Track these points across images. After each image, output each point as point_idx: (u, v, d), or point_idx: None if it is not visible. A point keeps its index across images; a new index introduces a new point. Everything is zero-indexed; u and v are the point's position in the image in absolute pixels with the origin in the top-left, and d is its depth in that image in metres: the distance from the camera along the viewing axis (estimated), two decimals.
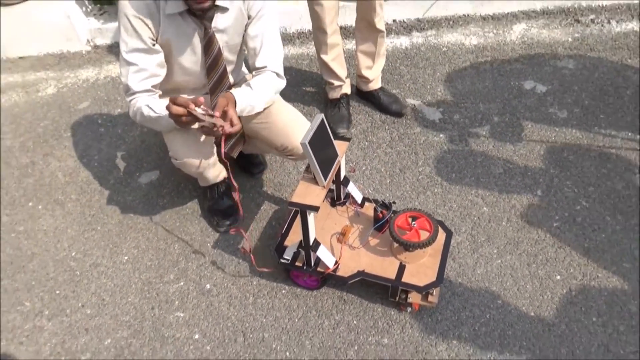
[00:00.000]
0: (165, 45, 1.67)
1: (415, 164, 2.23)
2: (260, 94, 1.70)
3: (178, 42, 1.67)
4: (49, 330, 1.79)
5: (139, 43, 1.60)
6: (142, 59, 1.62)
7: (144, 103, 1.63)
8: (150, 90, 1.68)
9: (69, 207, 2.21)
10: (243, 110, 1.66)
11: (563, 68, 2.67)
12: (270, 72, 1.75)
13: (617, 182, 2.05)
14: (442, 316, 1.69)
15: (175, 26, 1.63)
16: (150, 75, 1.65)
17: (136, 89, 1.65)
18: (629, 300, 1.67)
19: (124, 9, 1.55)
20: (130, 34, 1.58)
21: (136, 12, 1.55)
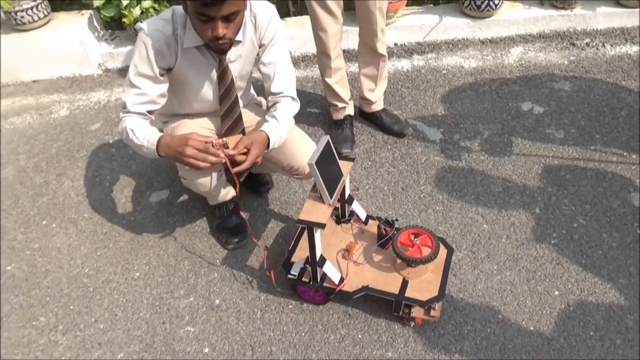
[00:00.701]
0: (181, 74, 1.75)
1: (417, 183, 2.31)
2: (286, 124, 1.80)
3: (194, 73, 1.76)
4: (64, 344, 1.84)
5: (148, 71, 1.67)
6: (146, 85, 1.69)
7: (130, 126, 1.69)
8: (144, 114, 1.74)
9: (82, 226, 2.29)
10: (275, 144, 1.75)
11: (559, 90, 2.76)
12: (287, 98, 1.84)
13: (613, 201, 2.12)
14: (445, 330, 1.74)
15: (192, 58, 1.72)
16: (149, 101, 1.72)
17: (131, 110, 1.71)
18: (625, 315, 1.73)
19: (143, 37, 1.64)
20: (142, 60, 1.66)
21: (155, 42, 1.63)
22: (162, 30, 1.63)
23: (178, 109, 1.91)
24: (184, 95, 1.86)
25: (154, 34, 1.63)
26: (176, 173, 2.47)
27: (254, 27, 1.74)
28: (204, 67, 1.76)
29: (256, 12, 1.71)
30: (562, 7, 3.17)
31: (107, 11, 3.13)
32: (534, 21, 3.17)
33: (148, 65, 1.67)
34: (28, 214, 2.37)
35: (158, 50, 1.65)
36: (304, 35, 3.19)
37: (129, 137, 1.69)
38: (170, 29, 1.64)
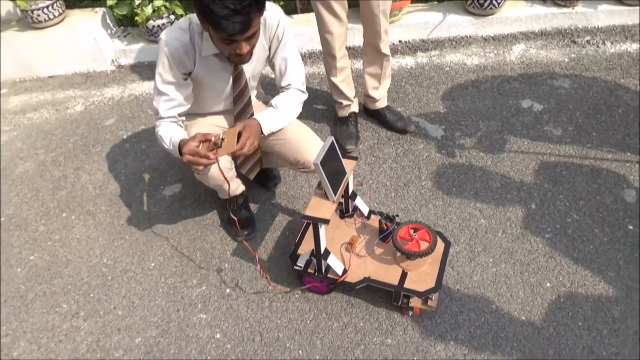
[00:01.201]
0: (199, 78, 1.88)
1: (419, 179, 2.40)
2: (285, 111, 1.93)
3: (211, 77, 1.89)
4: (85, 329, 1.98)
5: (172, 77, 1.81)
6: (172, 91, 1.84)
7: (160, 132, 1.87)
8: (175, 117, 1.90)
9: (100, 218, 2.41)
10: (271, 130, 1.89)
11: (559, 87, 2.83)
12: (294, 89, 1.98)
13: (607, 197, 2.21)
14: (441, 319, 1.85)
15: (209, 64, 1.84)
16: (177, 105, 1.87)
17: (163, 115, 1.88)
18: (613, 306, 1.83)
19: (164, 47, 1.76)
20: (165, 69, 1.80)
21: (175, 51, 1.76)
22: (180, 39, 1.74)
23: (195, 108, 2.02)
24: (201, 96, 1.98)
25: (173, 42, 1.74)
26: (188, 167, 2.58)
27: (264, 29, 1.84)
28: (220, 72, 1.88)
29: (265, 15, 1.81)
30: (564, 5, 3.22)
31: (120, 9, 3.22)
32: (536, 19, 3.23)
33: (171, 73, 1.81)
34: (48, 206, 2.50)
35: (178, 58, 1.77)
36: (311, 33, 3.27)
37: (160, 142, 1.88)
38: (187, 37, 1.75)
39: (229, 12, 1.51)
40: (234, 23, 1.53)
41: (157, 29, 3.25)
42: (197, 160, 1.71)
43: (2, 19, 3.51)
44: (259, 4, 1.58)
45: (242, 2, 1.51)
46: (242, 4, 1.51)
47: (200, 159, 1.70)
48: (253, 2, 1.54)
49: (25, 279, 2.18)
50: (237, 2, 1.51)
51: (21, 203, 2.53)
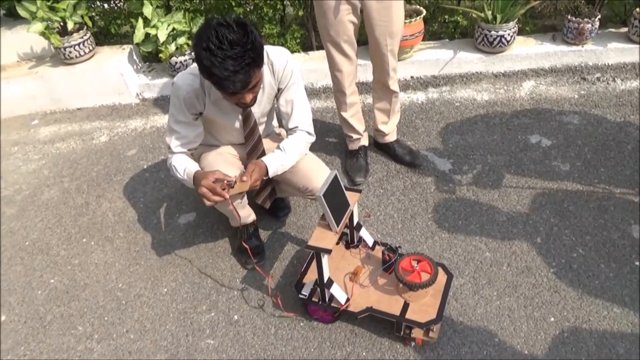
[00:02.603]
0: (210, 118, 2.02)
1: (426, 211, 2.45)
2: (292, 153, 2.02)
3: (221, 117, 2.02)
4: (98, 351, 2.05)
5: (183, 118, 1.96)
6: (183, 130, 1.98)
7: (173, 163, 2.00)
8: (185, 152, 2.04)
9: (117, 244, 2.52)
10: (276, 171, 1.99)
11: (568, 123, 2.87)
12: (301, 131, 2.07)
13: (613, 232, 2.21)
14: (444, 351, 1.87)
15: (219, 106, 1.97)
16: (187, 142, 2.01)
17: (174, 150, 2.02)
18: (618, 342, 1.82)
19: (176, 91, 1.91)
20: (177, 110, 1.94)
21: (186, 95, 1.90)
22: (191, 84, 1.88)
23: (208, 140, 2.15)
24: (212, 132, 2.12)
25: (185, 87, 1.88)
26: None
27: (271, 73, 1.95)
28: (229, 113, 2.00)
29: (273, 59, 1.92)
30: (574, 43, 3.29)
31: (145, 46, 3.42)
32: (546, 56, 3.30)
33: (182, 114, 1.95)
34: (70, 232, 2.62)
35: (189, 101, 1.91)
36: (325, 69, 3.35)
37: (174, 172, 2.01)
38: (198, 82, 1.88)
39: (230, 74, 1.62)
40: (235, 82, 1.65)
41: (179, 64, 3.42)
42: (211, 196, 1.83)
43: (37, 55, 3.76)
44: (256, 61, 1.67)
45: (241, 62, 1.62)
46: (242, 64, 1.62)
47: (214, 195, 1.82)
48: (251, 62, 1.65)
49: (45, 301, 2.28)
50: (237, 63, 1.61)
51: (45, 228, 2.66)
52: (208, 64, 1.62)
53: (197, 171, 1.94)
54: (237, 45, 1.61)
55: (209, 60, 1.61)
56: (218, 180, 1.84)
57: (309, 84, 3.46)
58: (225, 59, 1.60)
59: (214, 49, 1.60)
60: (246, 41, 1.62)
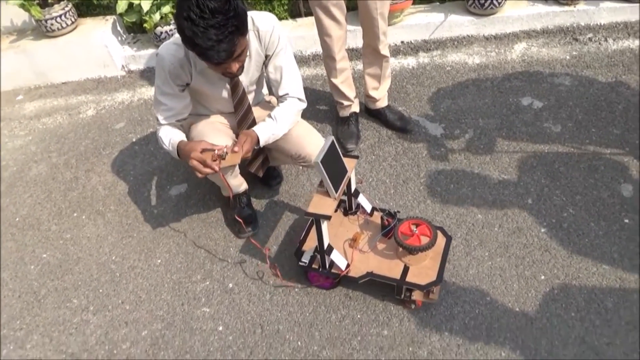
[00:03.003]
0: (197, 88, 1.98)
1: (418, 176, 2.45)
2: (283, 122, 1.99)
3: (208, 87, 1.97)
4: (94, 323, 2.06)
5: (169, 89, 1.91)
6: (170, 102, 1.94)
7: (160, 134, 1.97)
8: (174, 124, 2.00)
9: (109, 217, 2.51)
10: (268, 141, 1.96)
11: (560, 85, 2.85)
12: (292, 98, 2.03)
13: (603, 191, 2.23)
14: (436, 311, 1.89)
15: (205, 76, 1.93)
16: (175, 114, 1.97)
17: (162, 122, 1.98)
18: (606, 297, 1.85)
19: (161, 62, 1.86)
20: (163, 82, 1.90)
21: (171, 66, 1.85)
22: (175, 54, 1.83)
23: (198, 109, 2.11)
24: (202, 101, 2.08)
25: (169, 58, 1.83)
26: None
27: (258, 39, 1.91)
28: (217, 82, 1.96)
29: (258, 25, 1.87)
30: (566, 3, 3.24)
31: (129, 17, 3.33)
32: (538, 17, 3.25)
33: (168, 86, 1.91)
34: (60, 207, 2.60)
35: (174, 72, 1.86)
36: (314, 35, 3.29)
37: (161, 144, 1.98)
38: (182, 53, 1.84)
39: (213, 43, 1.58)
40: (220, 52, 1.60)
41: (165, 34, 3.35)
42: (202, 168, 1.80)
43: (18, 28, 3.66)
44: (240, 29, 1.62)
45: (224, 31, 1.57)
46: (225, 33, 1.57)
47: (204, 167, 1.80)
48: (235, 30, 1.60)
49: (38, 276, 2.28)
50: (220, 32, 1.56)
51: (34, 204, 2.64)
52: (190, 34, 1.57)
53: (181, 141, 1.91)
54: (219, 14, 1.56)
55: (190, 31, 1.57)
56: (205, 150, 1.81)
57: (297, 52, 3.40)
58: (207, 28, 1.56)
59: (195, 19, 1.55)
60: (228, 9, 1.57)
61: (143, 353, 1.93)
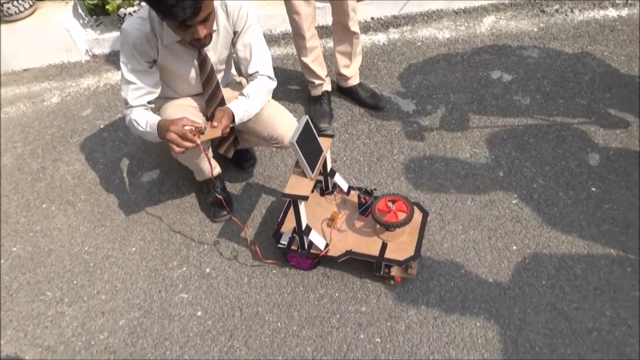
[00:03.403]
0: (164, 66, 1.91)
1: (391, 153, 2.46)
2: (256, 99, 1.95)
3: (176, 64, 1.91)
4: (70, 315, 2.03)
5: (138, 66, 1.84)
6: (139, 79, 1.86)
7: (133, 117, 1.88)
8: (145, 105, 1.93)
9: (80, 207, 2.45)
10: (242, 118, 1.92)
11: (528, 57, 2.88)
12: (262, 76, 1.99)
13: (571, 161, 2.28)
14: (413, 286, 1.92)
15: (173, 51, 1.86)
16: (146, 93, 1.90)
17: (133, 104, 1.90)
18: (575, 264, 1.91)
19: (126, 37, 1.79)
20: (130, 59, 1.83)
21: (136, 40, 1.78)
22: (140, 28, 1.77)
23: (166, 92, 2.05)
24: (169, 83, 2.02)
25: (134, 32, 1.77)
26: (165, 154, 2.62)
27: (226, 15, 1.86)
28: (185, 58, 1.90)
29: (227, 1, 1.83)
30: None
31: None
32: None
33: (136, 62, 1.83)
34: (28, 198, 2.53)
35: (140, 47, 1.80)
36: (284, 14, 3.22)
37: (135, 127, 1.88)
38: (148, 27, 1.77)
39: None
40: (184, 8, 1.56)
41: (128, 16, 3.24)
42: (181, 142, 1.74)
43: None
44: None
45: None
46: None
47: (185, 141, 1.74)
48: None
49: (9, 270, 2.22)
50: None
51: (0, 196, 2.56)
52: None
53: (161, 120, 1.85)
54: None
55: None
56: (186, 127, 1.77)
57: (267, 31, 3.34)
58: None
59: None
60: None
61: (121, 342, 1.92)
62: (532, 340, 1.73)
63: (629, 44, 2.83)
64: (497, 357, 1.70)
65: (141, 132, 1.90)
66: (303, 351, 1.81)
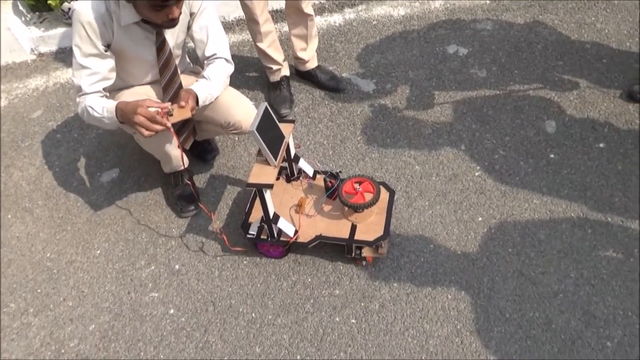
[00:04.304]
0: (120, 50, 1.82)
1: (354, 134, 2.45)
2: (217, 82, 1.91)
3: (132, 48, 1.83)
4: (36, 325, 1.97)
5: (92, 49, 1.74)
6: (95, 64, 1.77)
7: (88, 103, 1.79)
8: (100, 92, 1.83)
9: (38, 213, 2.36)
10: (205, 101, 1.86)
11: (482, 30, 2.91)
12: (220, 59, 1.95)
13: (529, 130, 2.33)
14: (384, 265, 1.94)
15: (130, 34, 1.78)
16: (102, 79, 1.81)
17: (87, 90, 1.80)
18: (538, 230, 1.96)
19: (78, 17, 1.69)
20: (84, 40, 1.72)
21: (91, 21, 1.69)
22: (95, 8, 1.68)
23: (119, 83, 1.97)
24: (125, 70, 1.93)
25: (89, 13, 1.68)
26: (124, 151, 2.55)
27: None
28: (142, 41, 1.83)
29: None
30: None
31: None
32: None
33: (91, 44, 1.73)
34: None
35: (95, 29, 1.70)
36: None
37: (90, 114, 1.78)
38: (103, 7, 1.69)
39: None
40: None
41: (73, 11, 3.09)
42: (150, 125, 1.67)
43: None
44: None
45: None
46: None
47: (154, 124, 1.67)
48: None
49: None
50: None
51: None
52: None
53: (120, 102, 1.75)
54: None
55: None
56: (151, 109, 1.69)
57: (220, 18, 3.23)
58: None
59: None
60: None
61: (93, 348, 1.87)
62: (502, 308, 1.77)
63: (578, 11, 2.90)
64: (469, 327, 1.74)
65: (97, 118, 1.79)
66: (280, 339, 1.80)
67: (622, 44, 2.66)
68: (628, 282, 1.78)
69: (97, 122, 1.83)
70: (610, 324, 1.69)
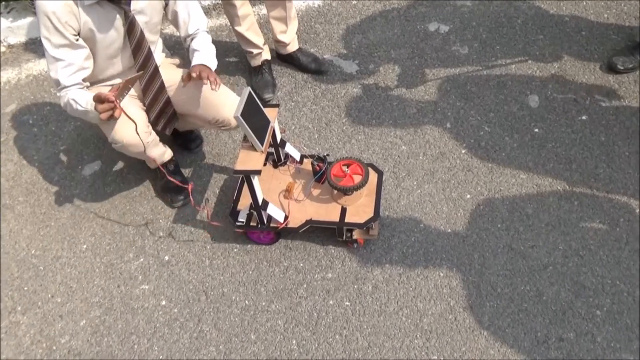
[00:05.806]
0: (89, 36, 1.75)
1: (339, 116, 2.43)
2: (211, 50, 1.94)
3: (101, 31, 1.76)
4: (25, 323, 1.93)
5: (62, 40, 1.68)
6: (68, 54, 1.71)
7: (71, 97, 1.73)
8: (80, 83, 1.78)
9: (19, 210, 2.30)
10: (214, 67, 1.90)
11: (462, 6, 2.89)
12: (203, 32, 1.97)
13: (513, 105, 2.34)
14: (375, 246, 1.95)
15: (96, 16, 1.71)
16: (78, 69, 1.75)
17: (66, 83, 1.74)
18: (526, 204, 1.98)
19: (42, 7, 1.62)
20: (52, 32, 1.66)
21: (55, 9, 1.62)
22: None
23: (98, 73, 1.90)
24: (96, 61, 1.86)
25: (51, 2, 1.61)
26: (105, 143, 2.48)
27: None
28: (110, 23, 1.76)
29: None
30: None
31: None
32: None
33: (59, 35, 1.67)
34: None
35: (60, 17, 1.64)
36: None
37: (74, 107, 1.73)
38: None
39: None
40: None
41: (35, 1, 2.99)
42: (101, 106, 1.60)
43: None
44: None
45: None
46: None
47: (101, 104, 1.60)
48: None
49: None
50: None
51: None
52: None
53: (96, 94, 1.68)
54: None
55: None
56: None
57: None
58: None
59: None
60: None
61: (85, 343, 1.85)
62: (494, 283, 1.80)
63: None
64: (462, 304, 1.76)
65: (81, 112, 1.74)
66: (274, 325, 1.80)
67: (600, 16, 2.68)
68: (615, 251, 1.82)
69: (81, 115, 1.79)
70: (599, 293, 1.73)
